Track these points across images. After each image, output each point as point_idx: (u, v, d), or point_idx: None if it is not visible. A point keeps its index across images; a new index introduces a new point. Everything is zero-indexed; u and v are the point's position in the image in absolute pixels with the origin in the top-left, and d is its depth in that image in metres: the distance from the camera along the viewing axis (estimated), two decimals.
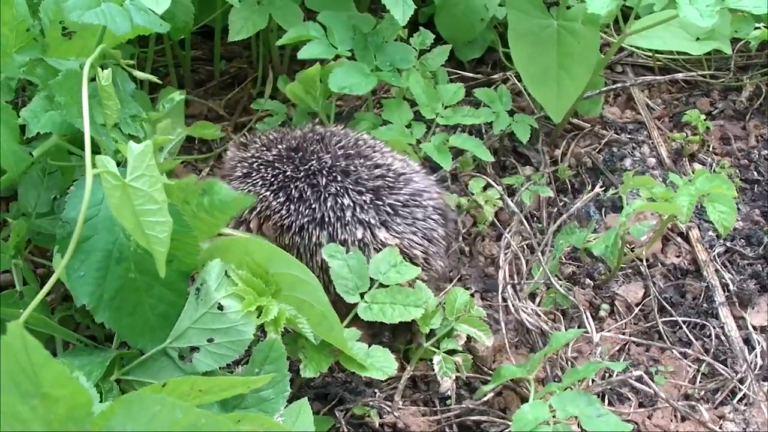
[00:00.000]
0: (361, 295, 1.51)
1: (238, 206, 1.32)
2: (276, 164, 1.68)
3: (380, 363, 1.45)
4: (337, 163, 1.65)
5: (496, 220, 1.94)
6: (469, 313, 1.56)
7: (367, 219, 1.59)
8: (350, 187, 1.61)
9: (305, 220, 1.60)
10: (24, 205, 1.55)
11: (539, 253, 1.82)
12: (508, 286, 1.79)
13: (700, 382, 1.66)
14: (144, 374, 1.37)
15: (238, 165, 1.73)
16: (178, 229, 1.25)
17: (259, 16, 2.02)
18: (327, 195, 1.60)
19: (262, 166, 1.69)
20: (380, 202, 1.62)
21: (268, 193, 1.64)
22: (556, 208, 2.03)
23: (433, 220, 1.68)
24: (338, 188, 1.61)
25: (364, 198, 1.61)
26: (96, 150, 1.54)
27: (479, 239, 1.93)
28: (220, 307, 1.28)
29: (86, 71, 1.28)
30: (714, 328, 1.75)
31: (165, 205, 1.14)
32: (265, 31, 2.11)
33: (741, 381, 1.65)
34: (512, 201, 1.96)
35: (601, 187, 2.07)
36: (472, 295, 1.72)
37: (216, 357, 1.31)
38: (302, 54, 1.93)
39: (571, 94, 2.05)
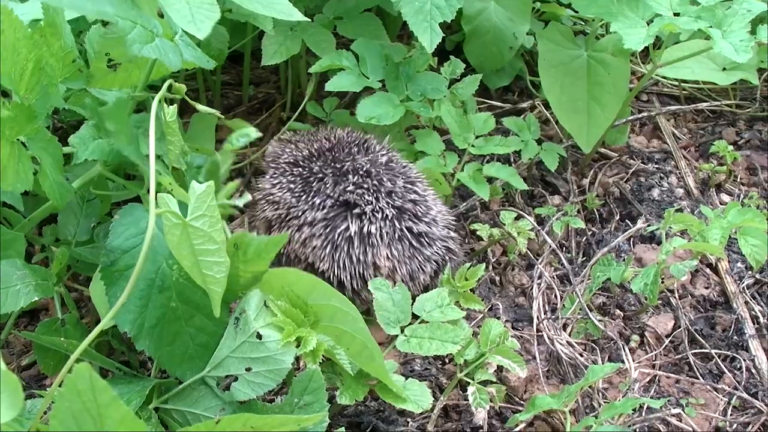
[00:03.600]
0: (401, 329, 1.53)
1: (274, 249, 1.33)
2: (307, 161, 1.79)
3: (416, 396, 1.45)
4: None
5: (526, 250, 1.94)
6: (503, 344, 1.57)
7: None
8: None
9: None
10: (63, 233, 1.57)
11: (576, 285, 1.82)
12: (543, 317, 1.80)
13: (731, 414, 1.65)
14: (182, 403, 1.38)
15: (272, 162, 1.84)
16: None
17: (292, 41, 2.04)
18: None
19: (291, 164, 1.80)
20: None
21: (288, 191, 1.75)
22: (584, 238, 2.04)
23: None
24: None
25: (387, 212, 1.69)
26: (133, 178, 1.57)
27: (509, 269, 1.94)
28: (259, 337, 1.30)
29: (155, 106, 1.30)
30: (744, 360, 1.75)
31: (223, 246, 1.15)
32: (294, 57, 2.13)
33: None
34: (543, 231, 1.96)
35: (626, 216, 2.09)
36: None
37: (254, 386, 1.32)
38: (330, 86, 1.94)
39: (601, 124, 2.07)
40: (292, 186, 1.74)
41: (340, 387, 1.43)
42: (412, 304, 1.57)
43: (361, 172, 1.72)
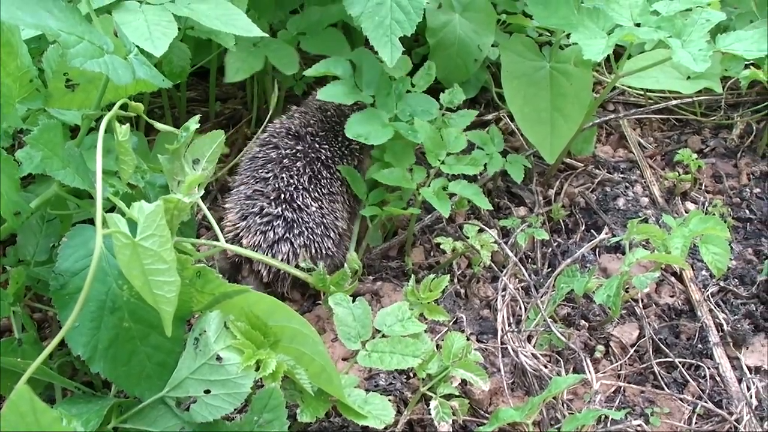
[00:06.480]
0: (362, 343, 1.52)
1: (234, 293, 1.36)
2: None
3: (378, 411, 1.45)
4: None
5: (491, 262, 1.94)
6: (466, 357, 1.56)
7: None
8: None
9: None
10: (23, 253, 1.56)
11: (538, 298, 1.83)
12: (507, 329, 1.80)
13: (696, 423, 1.66)
14: (141, 422, 1.37)
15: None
16: None
17: (255, 58, 2.04)
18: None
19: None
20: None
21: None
22: (550, 249, 2.04)
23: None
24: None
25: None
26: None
27: (474, 281, 1.94)
28: (219, 359, 1.29)
29: (103, 126, 1.29)
30: (709, 368, 1.75)
31: (174, 265, 1.15)
32: (260, 73, 2.12)
33: (737, 422, 1.65)
34: (507, 243, 1.97)
35: (592, 226, 2.10)
36: (467, 338, 1.73)
37: (212, 409, 1.31)
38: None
39: (564, 135, 2.08)
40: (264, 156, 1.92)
41: (300, 405, 1.43)
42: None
43: (285, 177, 1.86)
